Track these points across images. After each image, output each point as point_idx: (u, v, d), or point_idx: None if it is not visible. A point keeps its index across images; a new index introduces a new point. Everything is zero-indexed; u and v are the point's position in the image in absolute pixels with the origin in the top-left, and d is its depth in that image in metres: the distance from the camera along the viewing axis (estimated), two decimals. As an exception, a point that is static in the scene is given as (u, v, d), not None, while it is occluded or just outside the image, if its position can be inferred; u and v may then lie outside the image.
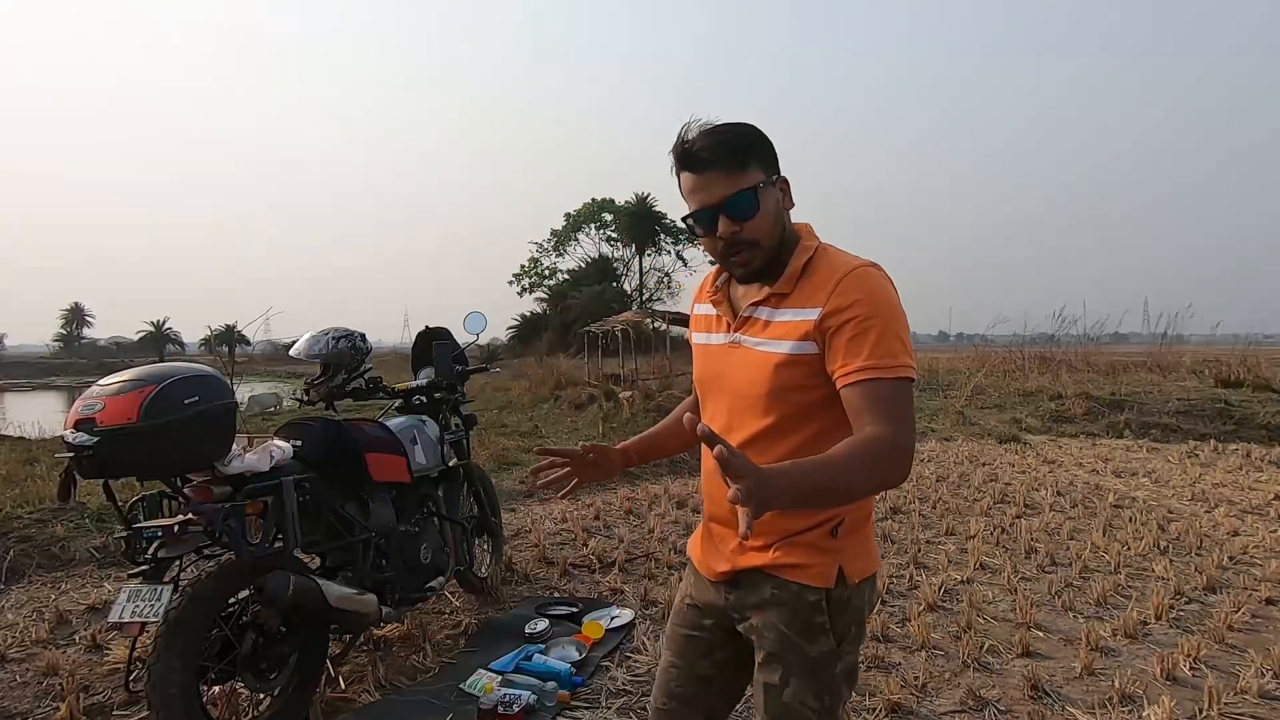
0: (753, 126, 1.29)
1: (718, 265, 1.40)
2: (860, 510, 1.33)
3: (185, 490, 2.29)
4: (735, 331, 1.34)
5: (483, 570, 3.77)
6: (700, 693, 1.45)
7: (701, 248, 1.41)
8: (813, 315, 1.23)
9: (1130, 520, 5.02)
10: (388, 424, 3.12)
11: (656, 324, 18.22)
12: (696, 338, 1.47)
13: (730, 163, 1.24)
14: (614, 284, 39.45)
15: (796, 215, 1.35)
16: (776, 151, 1.31)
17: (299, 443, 2.66)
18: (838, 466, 1.08)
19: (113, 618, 2.16)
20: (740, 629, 1.38)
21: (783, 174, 1.30)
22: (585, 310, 31.09)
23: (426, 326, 3.70)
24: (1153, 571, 4.00)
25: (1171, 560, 4.17)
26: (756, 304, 1.32)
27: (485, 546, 3.91)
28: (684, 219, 1.30)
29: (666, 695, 1.48)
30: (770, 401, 1.27)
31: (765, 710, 1.33)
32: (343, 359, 3.14)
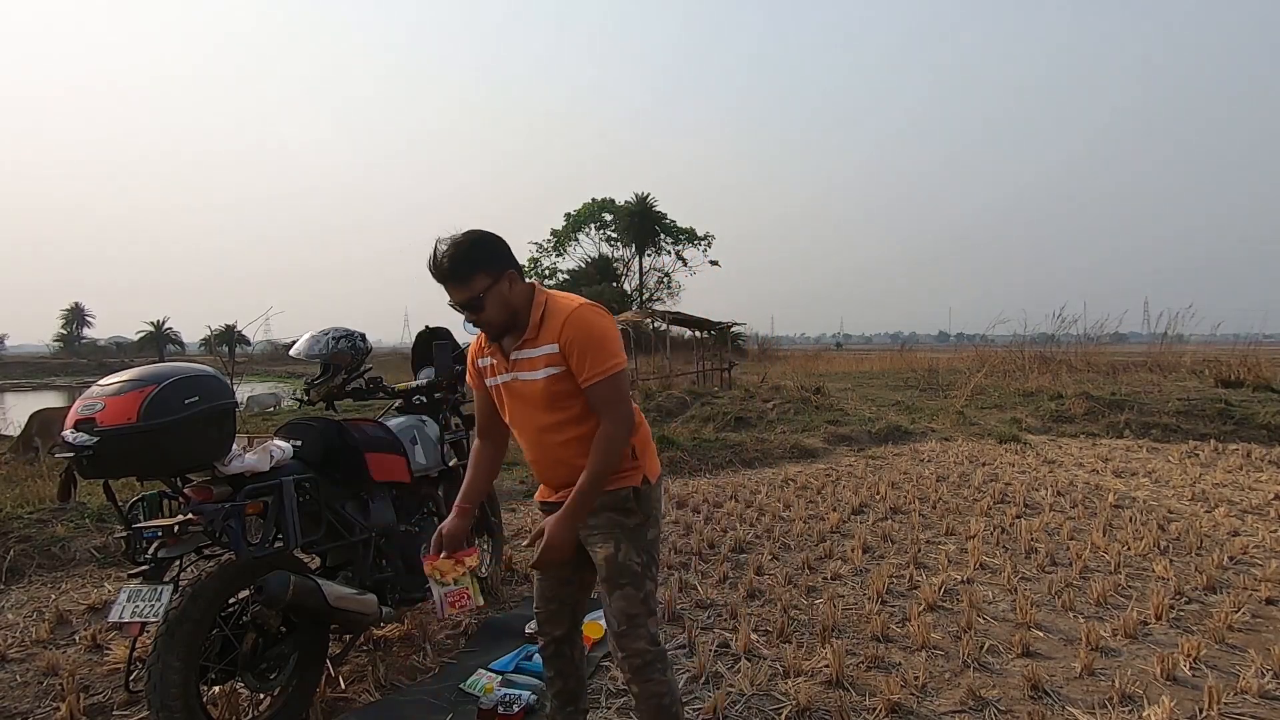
0: (480, 239, 1.83)
1: None
2: (641, 438, 1.97)
3: (185, 490, 2.29)
4: (510, 372, 1.92)
5: (483, 570, 3.77)
6: (564, 590, 2.10)
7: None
8: (552, 350, 1.84)
9: (1130, 520, 5.02)
10: (388, 424, 3.12)
11: (656, 324, 18.23)
12: (488, 381, 2.03)
13: (457, 278, 1.82)
14: (614, 284, 39.44)
15: (784, 212, 1.40)
16: (506, 246, 1.87)
17: (299, 443, 2.66)
18: (593, 474, 1.82)
19: (113, 618, 2.16)
20: (581, 536, 1.93)
21: (512, 266, 1.87)
22: (585, 310, 30.98)
23: (426, 326, 3.70)
24: (1153, 571, 4.00)
25: (1171, 560, 4.16)
26: (519, 348, 1.90)
27: (485, 546, 3.91)
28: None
29: (544, 600, 2.11)
30: (548, 407, 1.88)
31: (607, 575, 1.93)
32: (343, 359, 3.14)
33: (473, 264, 1.82)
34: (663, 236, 42.03)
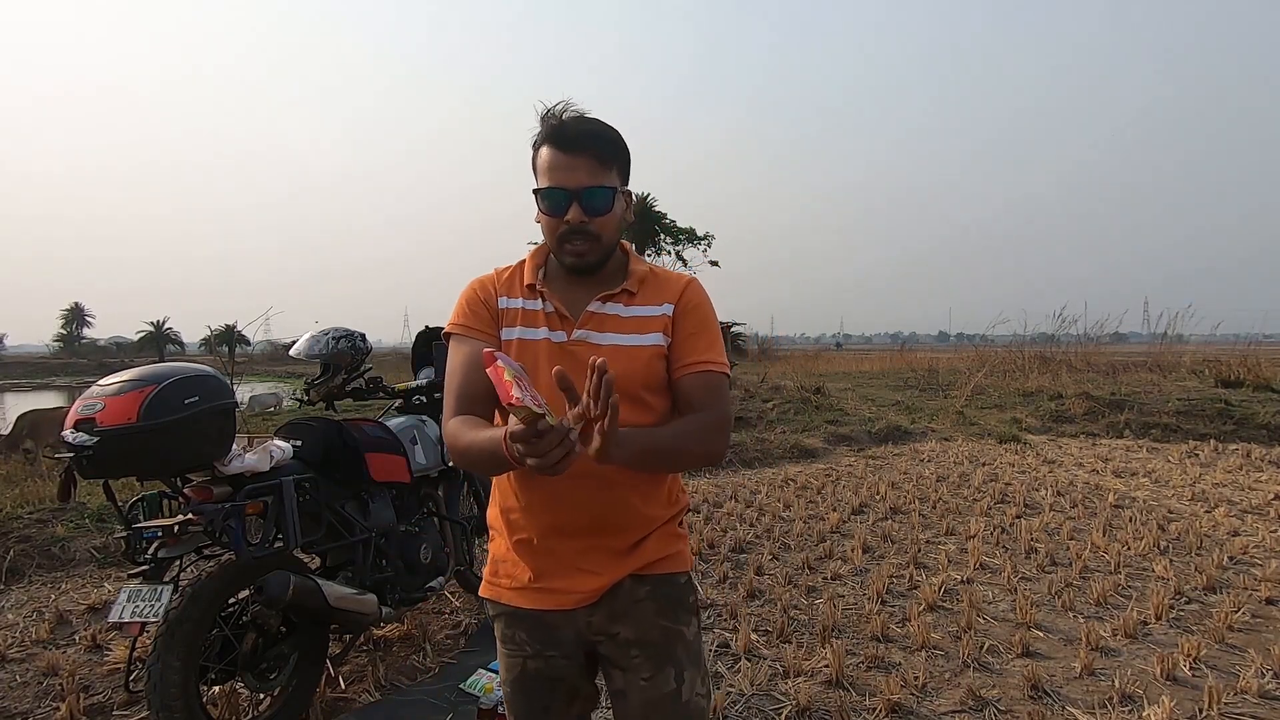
0: (620, 134, 1.31)
1: (531, 256, 1.38)
2: (687, 504, 1.44)
3: (185, 490, 2.29)
4: (583, 328, 1.29)
5: (483, 570, 3.76)
6: None
7: (539, 224, 1.32)
8: (667, 310, 1.32)
9: (1130, 520, 5.02)
10: (388, 424, 3.12)
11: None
12: (515, 333, 1.31)
13: (600, 155, 1.26)
14: (614, 284, 39.38)
15: (785, 213, 1.35)
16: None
17: (299, 443, 2.66)
18: (678, 435, 1.23)
19: (113, 618, 2.16)
20: (603, 651, 1.34)
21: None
22: (585, 310, 30.99)
23: (426, 326, 3.70)
24: (1153, 571, 4.00)
25: (1171, 560, 4.16)
26: (607, 299, 1.30)
27: (485, 546, 3.90)
28: (534, 191, 1.28)
29: None
30: (646, 394, 1.29)
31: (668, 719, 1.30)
32: (343, 359, 3.14)
33: (618, 151, 1.29)
34: (663, 237, 42.04)
